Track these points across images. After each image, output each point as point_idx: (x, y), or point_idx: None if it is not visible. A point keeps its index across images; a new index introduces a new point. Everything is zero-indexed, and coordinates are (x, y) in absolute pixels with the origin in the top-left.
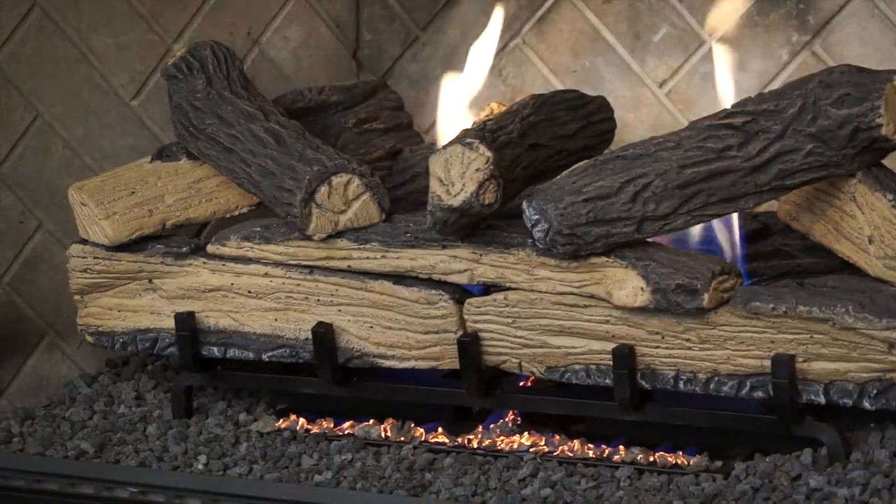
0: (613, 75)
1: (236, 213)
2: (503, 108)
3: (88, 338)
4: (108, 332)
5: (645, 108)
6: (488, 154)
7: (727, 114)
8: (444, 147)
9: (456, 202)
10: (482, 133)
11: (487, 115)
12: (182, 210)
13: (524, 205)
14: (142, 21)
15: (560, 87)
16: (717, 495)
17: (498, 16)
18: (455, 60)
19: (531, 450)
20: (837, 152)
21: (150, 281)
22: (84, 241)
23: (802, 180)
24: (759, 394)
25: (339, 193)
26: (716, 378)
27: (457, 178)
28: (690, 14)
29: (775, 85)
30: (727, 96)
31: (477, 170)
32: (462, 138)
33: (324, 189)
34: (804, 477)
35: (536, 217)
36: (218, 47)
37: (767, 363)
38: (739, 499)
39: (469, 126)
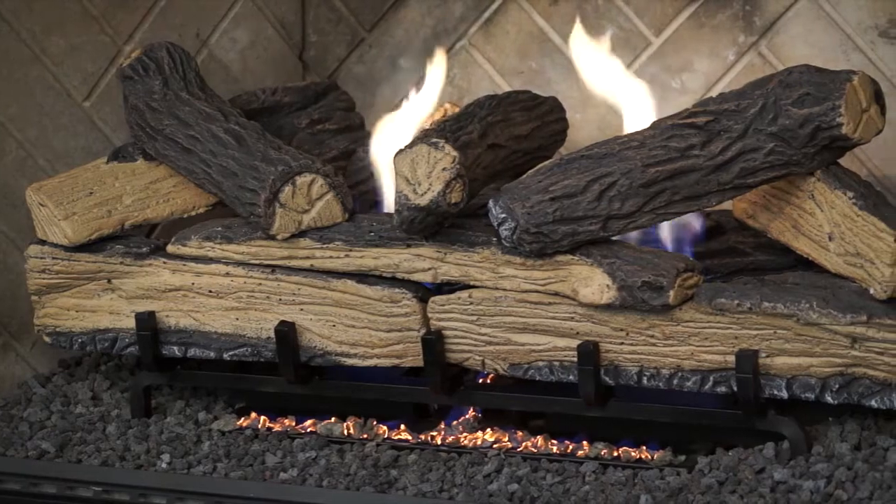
0: (560, 76)
1: (193, 213)
2: (457, 109)
3: (46, 338)
4: (66, 332)
5: (591, 109)
6: (454, 153)
7: (690, 113)
8: (410, 146)
9: (423, 201)
10: (444, 133)
11: (442, 116)
12: (140, 210)
13: (490, 203)
14: (94, 22)
15: (507, 88)
16: (682, 489)
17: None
18: (401, 62)
19: (495, 446)
20: (798, 151)
21: (109, 281)
22: (42, 242)
23: (763, 179)
24: (721, 389)
25: (303, 193)
26: (679, 374)
27: (423, 178)
28: (637, 16)
29: (722, 85)
30: (674, 97)
31: (444, 169)
32: (427, 138)
33: (288, 189)
34: (768, 470)
35: (503, 216)
36: (173, 48)
37: (731, 359)
38: (705, 492)
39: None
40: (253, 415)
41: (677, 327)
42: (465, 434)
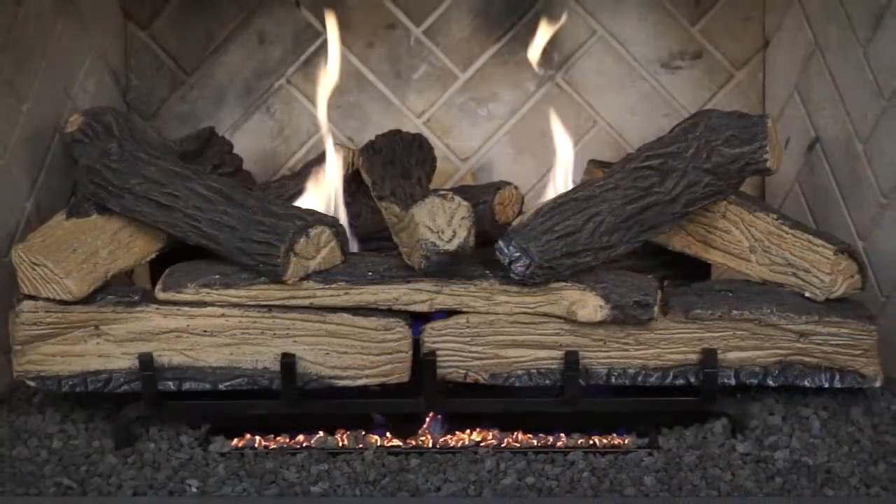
0: (377, 110)
1: (149, 258)
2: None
3: (30, 382)
4: (53, 376)
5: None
6: (466, 203)
7: (644, 157)
8: (424, 200)
9: (451, 247)
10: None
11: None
12: (114, 261)
13: (501, 243)
14: (6, 86)
15: (326, 121)
16: (667, 465)
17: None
18: (224, 100)
19: (482, 444)
20: (726, 182)
21: (97, 327)
22: (33, 298)
23: (700, 206)
24: (680, 381)
25: (314, 243)
26: (643, 371)
27: (444, 226)
28: (445, 55)
29: (524, 111)
30: (482, 123)
31: (463, 217)
32: (434, 191)
33: (303, 240)
34: (727, 444)
35: (518, 254)
36: (116, 113)
37: (691, 356)
38: (693, 469)
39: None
40: (247, 435)
41: (651, 335)
42: (448, 436)
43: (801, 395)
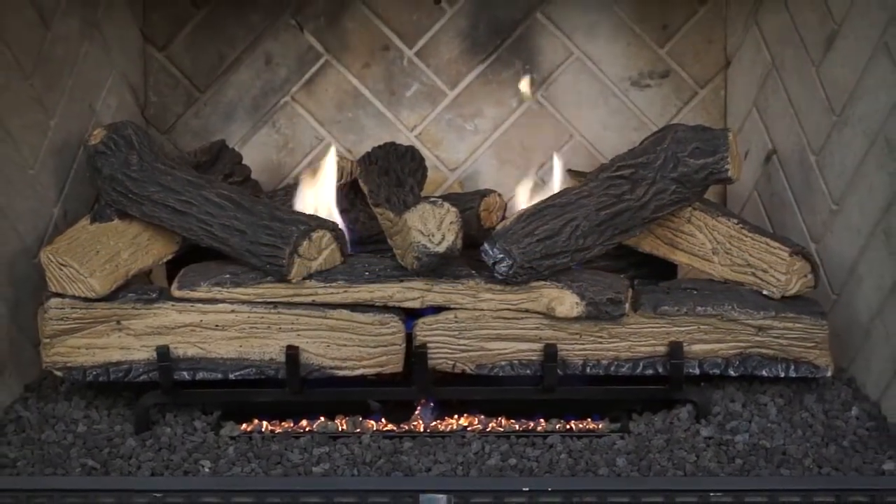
0: (373, 124)
1: (165, 259)
2: (348, 161)
3: (58, 372)
4: (78, 366)
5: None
6: (454, 209)
7: (617, 167)
8: (416, 206)
9: (441, 249)
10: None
11: (342, 170)
12: (134, 262)
13: (486, 246)
14: (35, 104)
15: (327, 135)
16: (637, 448)
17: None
18: (234, 116)
19: (469, 429)
20: (691, 190)
21: (119, 322)
22: (60, 295)
23: (667, 212)
24: (649, 372)
25: (316, 245)
26: (616, 363)
27: (434, 230)
28: (435, 75)
29: (507, 126)
30: (468, 137)
31: (451, 222)
32: (425, 198)
33: (305, 243)
34: (693, 428)
35: (501, 256)
36: (136, 127)
37: (659, 349)
38: (661, 451)
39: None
40: (255, 421)
41: (622, 329)
42: (438, 421)
43: (759, 384)
